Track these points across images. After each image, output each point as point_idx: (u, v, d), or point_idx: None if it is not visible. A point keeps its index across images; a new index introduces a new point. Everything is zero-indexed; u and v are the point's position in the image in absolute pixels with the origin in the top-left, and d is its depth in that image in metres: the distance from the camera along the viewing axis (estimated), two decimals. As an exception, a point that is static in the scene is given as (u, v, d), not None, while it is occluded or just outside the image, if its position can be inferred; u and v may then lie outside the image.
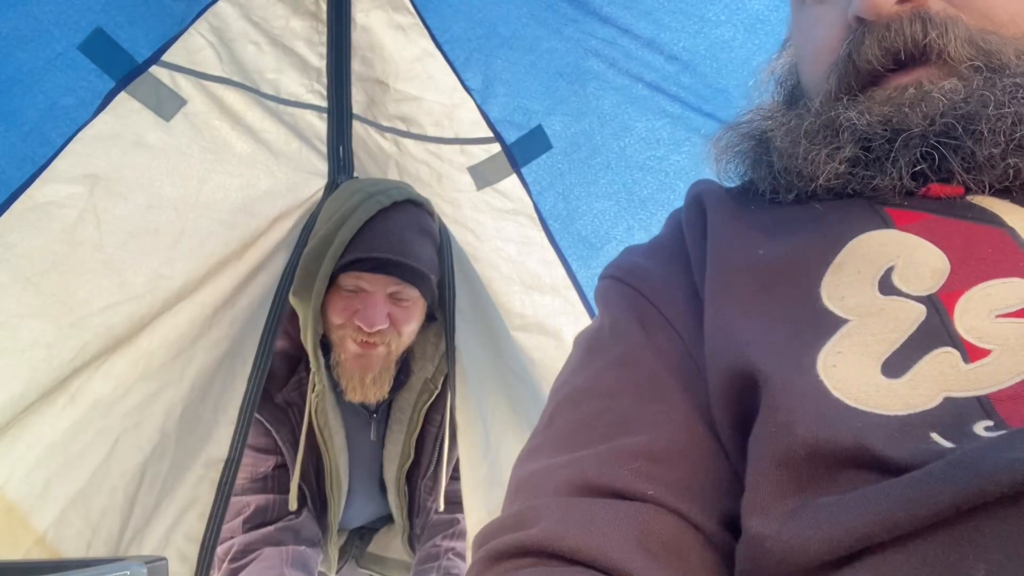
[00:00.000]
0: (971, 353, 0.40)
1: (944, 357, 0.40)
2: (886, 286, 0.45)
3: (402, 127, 1.30)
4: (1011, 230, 0.45)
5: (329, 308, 1.37)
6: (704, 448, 0.48)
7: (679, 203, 1.27)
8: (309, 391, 1.46)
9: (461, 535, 1.56)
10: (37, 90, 1.06)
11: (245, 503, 1.49)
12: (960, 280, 0.43)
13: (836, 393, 0.41)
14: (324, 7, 1.23)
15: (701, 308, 0.52)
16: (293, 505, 1.47)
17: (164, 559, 0.82)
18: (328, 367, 1.43)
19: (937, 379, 0.40)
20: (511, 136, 1.27)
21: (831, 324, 0.44)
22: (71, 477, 1.16)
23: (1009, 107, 0.47)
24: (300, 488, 1.50)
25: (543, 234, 1.30)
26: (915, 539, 0.34)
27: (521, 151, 1.27)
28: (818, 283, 0.47)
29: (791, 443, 0.40)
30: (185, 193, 1.21)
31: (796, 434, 0.40)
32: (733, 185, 0.64)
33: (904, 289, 0.44)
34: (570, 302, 1.32)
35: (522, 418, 1.43)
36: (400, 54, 1.24)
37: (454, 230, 1.34)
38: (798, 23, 0.61)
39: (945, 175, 0.49)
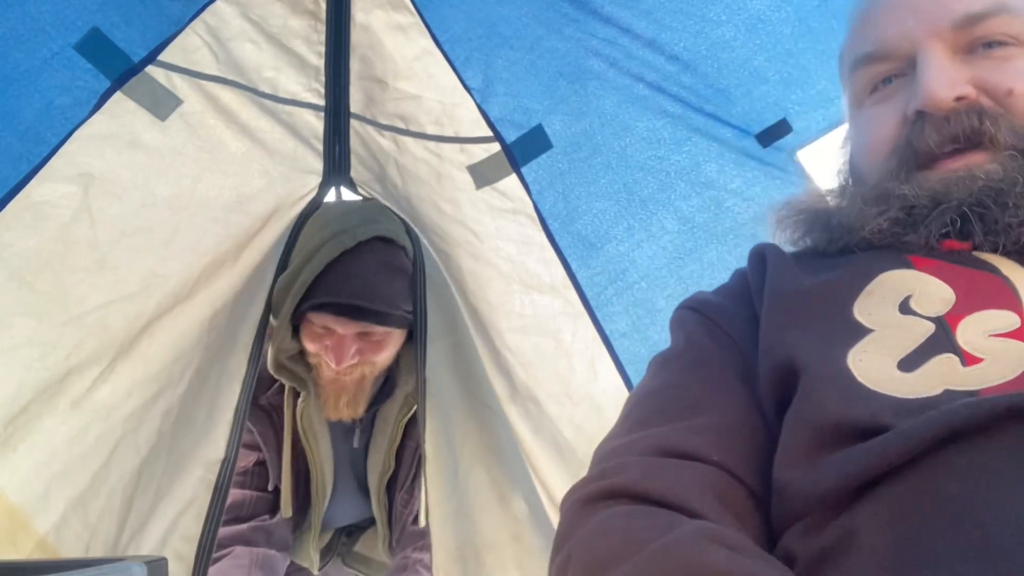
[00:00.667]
0: (968, 360, 0.51)
1: (947, 360, 0.51)
2: (904, 308, 0.57)
3: (401, 125, 1.29)
4: (1006, 278, 0.57)
5: (303, 336, 1.38)
6: (757, 429, 0.60)
7: (679, 203, 1.29)
8: (287, 397, 1.47)
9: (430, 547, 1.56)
10: (33, 90, 1.05)
11: None
12: (963, 307, 0.55)
13: (860, 379, 0.52)
14: (323, 6, 1.21)
15: (758, 330, 0.64)
16: (287, 512, 1.48)
17: (164, 559, 0.81)
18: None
19: (940, 376, 0.50)
20: (511, 135, 1.26)
21: (860, 332, 0.56)
22: (72, 481, 1.16)
23: None
24: (280, 488, 1.50)
25: (543, 234, 1.29)
26: (906, 470, 0.45)
27: (521, 150, 1.26)
28: (852, 303, 0.59)
29: (822, 415, 0.52)
30: (179, 192, 1.20)
31: (827, 409, 0.51)
32: (788, 249, 0.76)
33: (918, 311, 0.56)
34: (570, 302, 1.31)
35: (492, 450, 1.42)
36: (400, 53, 1.23)
37: (453, 229, 1.33)
38: (856, 122, 0.74)
39: (964, 236, 0.61)
